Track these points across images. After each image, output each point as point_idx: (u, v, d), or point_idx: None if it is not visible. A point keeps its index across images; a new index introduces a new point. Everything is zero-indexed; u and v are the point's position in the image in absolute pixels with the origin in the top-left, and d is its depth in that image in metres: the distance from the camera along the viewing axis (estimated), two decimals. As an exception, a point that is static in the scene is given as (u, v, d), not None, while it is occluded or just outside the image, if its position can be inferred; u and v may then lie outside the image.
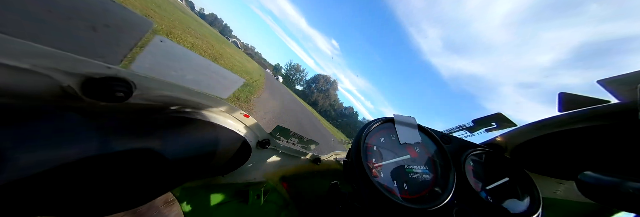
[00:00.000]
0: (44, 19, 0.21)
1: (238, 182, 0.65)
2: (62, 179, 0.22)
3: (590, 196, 0.26)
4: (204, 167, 0.43)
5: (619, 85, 0.37)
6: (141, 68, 0.28)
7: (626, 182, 0.22)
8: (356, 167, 0.45)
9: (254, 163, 0.64)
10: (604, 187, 0.25)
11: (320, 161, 0.83)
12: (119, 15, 0.24)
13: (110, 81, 0.25)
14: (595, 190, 0.26)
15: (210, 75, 0.38)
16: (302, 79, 78.84)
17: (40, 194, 0.21)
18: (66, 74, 0.23)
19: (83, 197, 0.25)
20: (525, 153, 0.57)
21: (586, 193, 0.27)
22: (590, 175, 0.27)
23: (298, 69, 77.45)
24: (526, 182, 0.52)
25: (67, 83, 0.24)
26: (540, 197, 0.49)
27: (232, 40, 39.53)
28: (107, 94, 0.25)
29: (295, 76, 77.35)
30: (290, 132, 0.69)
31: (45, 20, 0.21)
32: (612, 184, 0.24)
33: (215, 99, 0.43)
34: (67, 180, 0.22)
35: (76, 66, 0.23)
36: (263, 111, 6.68)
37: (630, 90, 0.35)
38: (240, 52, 28.23)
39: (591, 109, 0.41)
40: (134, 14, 0.25)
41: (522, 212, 0.47)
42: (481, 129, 0.65)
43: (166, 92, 0.33)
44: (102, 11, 0.23)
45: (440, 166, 0.50)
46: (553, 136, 0.48)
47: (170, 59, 0.30)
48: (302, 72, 77.75)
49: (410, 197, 0.43)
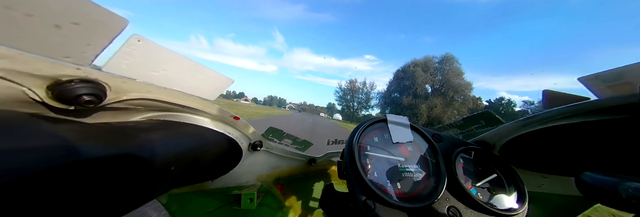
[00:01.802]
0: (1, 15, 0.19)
1: (230, 187, 0.64)
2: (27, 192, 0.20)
3: (590, 196, 0.26)
4: (191, 172, 0.41)
5: (597, 83, 0.38)
6: (116, 69, 0.26)
7: (626, 182, 0.23)
8: (350, 167, 0.44)
9: (246, 166, 0.63)
10: (604, 187, 0.25)
11: (314, 162, 0.82)
12: (91, 13, 0.22)
13: (80, 83, 0.23)
14: (595, 190, 0.26)
15: (196, 76, 0.37)
16: (368, 92, 54.81)
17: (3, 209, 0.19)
18: (28, 76, 0.21)
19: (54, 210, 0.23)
20: (512, 150, 0.58)
21: (586, 193, 0.27)
22: (590, 175, 0.27)
23: (354, 87, 54.58)
24: (513, 178, 0.54)
25: (30, 86, 0.21)
26: (526, 192, 0.51)
27: (289, 106, 62.20)
28: (76, 98, 0.23)
29: (357, 96, 53.83)
30: (283, 133, 0.68)
31: (3, 16, 0.19)
32: (612, 184, 0.24)
33: (202, 102, 0.41)
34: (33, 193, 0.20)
35: (40, 68, 0.21)
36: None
37: (608, 87, 0.37)
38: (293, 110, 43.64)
39: (573, 106, 0.43)
40: (107, 11, 0.23)
41: (510, 208, 0.48)
42: (471, 127, 0.66)
43: (146, 94, 0.31)
44: (70, 8, 0.21)
45: (432, 164, 0.51)
46: (538, 132, 0.50)
47: (150, 59, 0.28)
48: (362, 88, 53.97)
49: (404, 196, 0.43)
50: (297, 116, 31.34)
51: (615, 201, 0.23)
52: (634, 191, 0.22)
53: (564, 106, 0.44)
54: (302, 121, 19.50)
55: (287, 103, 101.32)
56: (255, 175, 0.68)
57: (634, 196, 0.22)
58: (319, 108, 68.13)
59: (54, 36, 0.21)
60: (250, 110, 18.92)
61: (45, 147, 0.20)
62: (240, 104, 30.91)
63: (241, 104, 27.24)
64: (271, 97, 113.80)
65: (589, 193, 0.27)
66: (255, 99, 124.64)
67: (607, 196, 0.24)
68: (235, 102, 25.82)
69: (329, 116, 64.04)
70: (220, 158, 0.49)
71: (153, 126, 0.34)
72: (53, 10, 0.20)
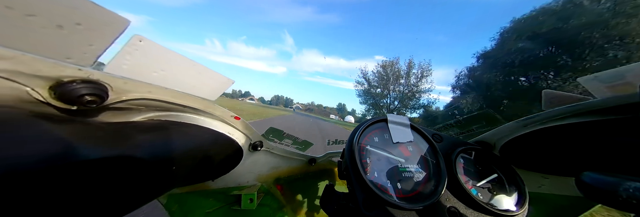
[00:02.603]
0: (2, 15, 0.19)
1: (230, 187, 0.64)
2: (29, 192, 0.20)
3: (590, 196, 0.26)
4: (192, 172, 0.41)
5: (597, 83, 0.38)
6: (118, 69, 0.26)
7: (626, 182, 0.23)
8: (350, 167, 0.45)
9: (246, 166, 0.63)
10: (604, 187, 0.25)
11: (315, 162, 0.82)
12: (92, 13, 0.22)
13: (82, 84, 0.23)
14: (595, 190, 0.26)
15: (196, 76, 0.37)
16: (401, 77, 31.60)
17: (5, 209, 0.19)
18: (31, 77, 0.21)
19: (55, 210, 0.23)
20: (513, 150, 0.58)
21: (586, 193, 0.27)
22: (590, 175, 0.27)
23: (392, 71, 31.50)
24: (514, 178, 0.54)
25: (32, 87, 0.22)
26: (526, 193, 0.51)
27: (296, 106, 55.30)
28: (78, 98, 0.23)
29: (397, 88, 31.47)
30: (283, 133, 0.68)
31: (4, 17, 0.19)
32: (612, 184, 0.24)
33: (203, 102, 0.41)
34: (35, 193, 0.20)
35: (42, 68, 0.21)
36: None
37: (608, 87, 0.37)
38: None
39: (572, 106, 0.43)
40: (108, 11, 0.23)
41: (510, 208, 0.48)
42: (471, 127, 0.66)
43: (147, 95, 0.31)
44: (71, 8, 0.21)
45: (432, 164, 0.51)
46: (538, 132, 0.50)
47: (151, 59, 0.28)
48: (405, 75, 31.13)
49: (404, 196, 0.43)
50: (290, 118, 22.17)
51: (615, 201, 0.23)
52: (634, 191, 0.22)
53: (564, 106, 0.44)
54: (301, 122, 18.81)
55: (294, 103, 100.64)
56: (256, 175, 0.68)
57: (634, 196, 0.22)
58: (328, 109, 66.31)
59: (56, 37, 0.21)
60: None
61: (48, 147, 0.20)
62: (244, 103, 27.34)
63: (246, 103, 24.57)
64: (278, 97, 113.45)
65: (589, 193, 0.27)
66: (261, 98, 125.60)
67: (607, 196, 0.24)
68: (239, 102, 22.10)
69: (340, 117, 57.53)
70: (220, 158, 0.49)
71: (154, 126, 0.35)
72: (55, 11, 0.20)
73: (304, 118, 30.22)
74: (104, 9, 0.23)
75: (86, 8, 0.22)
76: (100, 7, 0.22)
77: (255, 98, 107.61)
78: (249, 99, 69.04)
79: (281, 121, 16.20)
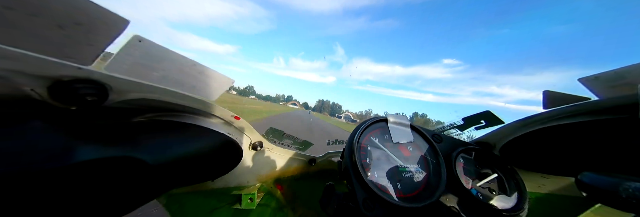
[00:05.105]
0: (3, 16, 0.19)
1: (230, 187, 0.64)
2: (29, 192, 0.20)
3: (590, 196, 0.26)
4: (192, 172, 0.41)
5: (597, 83, 0.38)
6: (118, 69, 0.26)
7: (626, 182, 0.23)
8: (350, 167, 0.44)
9: (246, 166, 0.63)
10: (604, 187, 0.25)
11: (315, 162, 0.82)
12: (92, 13, 0.22)
13: (82, 84, 0.23)
14: (595, 190, 0.26)
15: (196, 76, 0.37)
16: None
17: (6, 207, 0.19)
18: (30, 76, 0.21)
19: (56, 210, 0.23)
20: (513, 150, 0.58)
21: (586, 193, 0.27)
22: (590, 175, 0.27)
23: None
24: (514, 178, 0.54)
25: (32, 87, 0.21)
26: (526, 193, 0.51)
27: (345, 114, 56.54)
28: (78, 98, 0.23)
29: None
30: (283, 133, 0.68)
31: (5, 17, 0.19)
32: (612, 184, 0.24)
33: (203, 102, 0.41)
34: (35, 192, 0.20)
35: (42, 68, 0.21)
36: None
37: (608, 88, 0.37)
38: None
39: (573, 106, 0.43)
40: (108, 11, 0.23)
41: (510, 208, 0.48)
42: (471, 127, 0.66)
43: (147, 94, 0.31)
44: (72, 8, 0.21)
45: (432, 164, 0.51)
46: (539, 132, 0.50)
47: (151, 59, 0.28)
48: None
49: (404, 196, 0.43)
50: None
51: (615, 201, 0.23)
52: (634, 191, 0.22)
53: (564, 106, 0.44)
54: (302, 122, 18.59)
55: (343, 111, 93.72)
56: (256, 175, 0.68)
57: (634, 196, 0.22)
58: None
59: (56, 36, 0.21)
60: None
61: (48, 147, 0.20)
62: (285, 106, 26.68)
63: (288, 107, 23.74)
64: (322, 102, 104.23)
65: (589, 193, 0.27)
66: (305, 103, 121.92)
67: (607, 196, 0.24)
68: (282, 106, 21.85)
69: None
70: (220, 158, 0.49)
71: (154, 126, 0.35)
72: (56, 11, 0.20)
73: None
74: (104, 9, 0.23)
75: (86, 8, 0.22)
76: (100, 7, 0.22)
77: (297, 103, 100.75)
78: (291, 103, 65.73)
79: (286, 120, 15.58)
